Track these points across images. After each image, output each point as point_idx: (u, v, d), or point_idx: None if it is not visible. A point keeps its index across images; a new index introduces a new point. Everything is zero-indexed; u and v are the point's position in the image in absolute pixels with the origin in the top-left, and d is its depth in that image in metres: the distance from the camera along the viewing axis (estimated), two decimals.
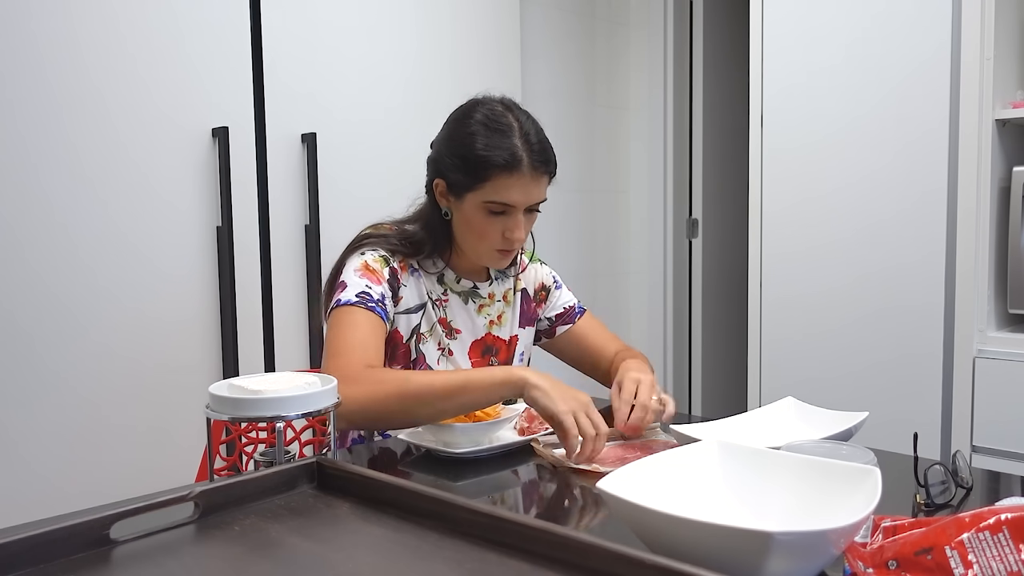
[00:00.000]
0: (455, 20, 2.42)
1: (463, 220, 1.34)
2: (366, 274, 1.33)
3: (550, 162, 1.34)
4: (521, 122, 1.32)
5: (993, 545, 0.69)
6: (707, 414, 2.32)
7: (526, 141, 1.30)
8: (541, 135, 1.34)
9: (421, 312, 1.39)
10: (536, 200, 1.33)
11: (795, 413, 1.21)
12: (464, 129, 1.32)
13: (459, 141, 1.32)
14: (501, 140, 1.28)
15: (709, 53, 3.27)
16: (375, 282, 1.32)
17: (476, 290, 1.45)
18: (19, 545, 0.67)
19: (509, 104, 1.36)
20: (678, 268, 3.26)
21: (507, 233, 1.32)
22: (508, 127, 1.30)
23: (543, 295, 1.56)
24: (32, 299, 1.64)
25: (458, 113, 1.37)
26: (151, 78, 1.78)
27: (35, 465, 1.65)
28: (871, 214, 2.16)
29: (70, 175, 1.68)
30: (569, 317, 1.57)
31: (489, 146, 1.28)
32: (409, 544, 0.73)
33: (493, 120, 1.31)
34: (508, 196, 1.29)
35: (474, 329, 1.44)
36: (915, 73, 2.06)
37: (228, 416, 0.93)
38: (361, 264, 1.34)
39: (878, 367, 2.16)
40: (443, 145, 1.36)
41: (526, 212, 1.33)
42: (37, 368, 1.65)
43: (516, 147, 1.28)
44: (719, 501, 0.84)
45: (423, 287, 1.39)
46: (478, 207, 1.31)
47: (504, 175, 1.28)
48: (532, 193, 1.31)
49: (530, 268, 1.56)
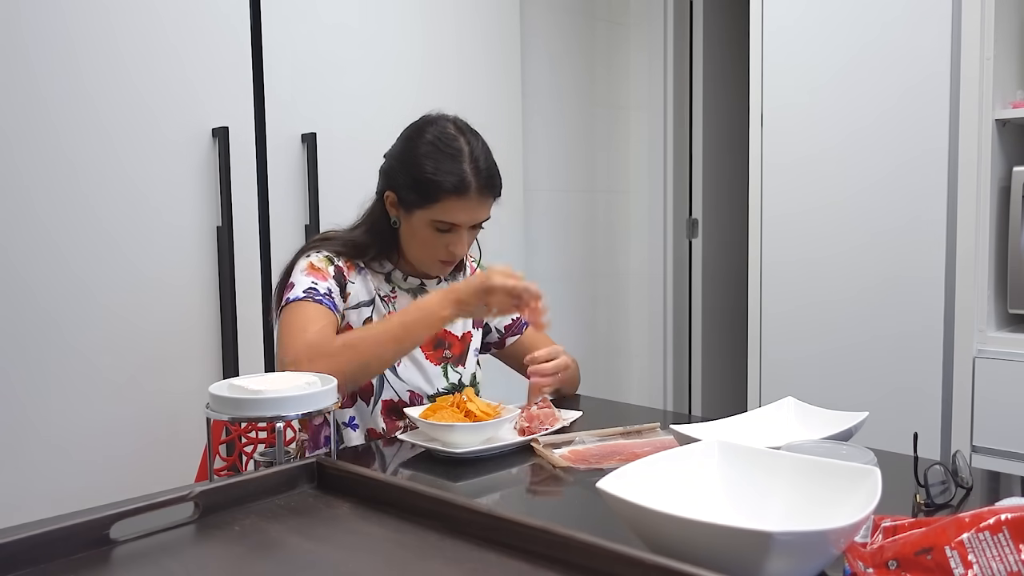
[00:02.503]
0: (455, 20, 2.41)
1: (410, 232, 1.41)
2: (311, 272, 1.39)
3: (496, 186, 1.40)
4: (472, 146, 1.38)
5: (993, 545, 0.69)
6: (707, 414, 2.33)
7: (475, 166, 1.36)
8: (490, 159, 1.40)
9: (371, 307, 1.43)
10: (480, 219, 1.41)
11: (795, 413, 1.21)
12: (416, 149, 1.38)
13: (411, 161, 1.37)
14: (451, 165, 1.35)
15: (709, 53, 3.27)
16: (321, 279, 1.38)
17: (423, 287, 1.50)
18: (19, 545, 0.67)
19: (462, 127, 1.42)
20: (678, 268, 3.26)
21: (450, 247, 1.40)
22: (458, 151, 1.36)
23: None
24: (32, 299, 1.64)
25: (411, 131, 1.43)
26: (151, 78, 1.78)
27: (35, 465, 1.65)
28: (871, 214, 2.16)
29: (70, 175, 1.68)
30: (517, 328, 1.64)
31: (439, 170, 1.34)
32: (409, 544, 0.73)
33: (444, 143, 1.37)
34: (455, 217, 1.36)
35: None
36: (915, 74, 2.06)
37: (228, 416, 0.93)
38: (307, 265, 1.40)
39: (878, 367, 2.16)
40: (396, 161, 1.42)
41: (470, 228, 1.40)
42: (37, 367, 1.65)
43: (465, 172, 1.34)
44: (719, 501, 0.84)
45: (370, 284, 1.44)
46: (426, 223, 1.37)
47: (452, 198, 1.34)
48: (478, 214, 1.39)
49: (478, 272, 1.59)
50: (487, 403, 1.27)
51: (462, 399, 1.25)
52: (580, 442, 1.22)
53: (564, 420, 1.32)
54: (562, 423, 1.30)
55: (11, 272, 1.61)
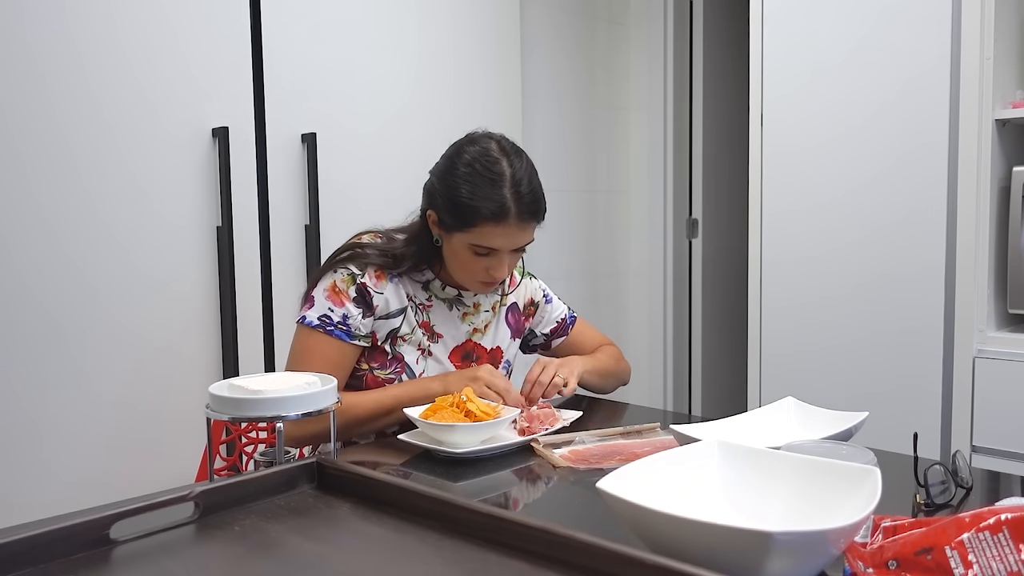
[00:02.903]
0: (455, 20, 2.41)
1: (451, 252, 1.38)
2: (331, 296, 1.37)
3: (539, 211, 1.35)
4: (515, 169, 1.32)
5: (993, 545, 0.69)
6: (707, 414, 2.33)
7: (516, 192, 1.30)
8: (533, 182, 1.34)
9: (401, 316, 1.41)
10: (522, 244, 1.36)
11: (795, 413, 1.21)
12: (455, 170, 1.33)
13: (450, 184, 1.33)
14: (491, 191, 1.29)
15: (709, 53, 3.27)
16: (338, 304, 1.37)
17: (460, 298, 1.48)
18: (19, 545, 0.67)
19: (506, 148, 1.35)
20: (678, 268, 3.26)
21: (491, 271, 1.36)
22: (499, 176, 1.30)
23: (532, 310, 1.61)
24: (32, 298, 1.64)
25: (452, 150, 1.38)
26: (151, 78, 1.78)
27: (35, 465, 1.65)
28: (871, 214, 2.16)
29: (70, 174, 1.68)
30: (563, 330, 1.64)
31: (476, 195, 1.29)
32: (409, 544, 0.73)
33: (485, 168, 1.31)
34: (493, 242, 1.32)
35: (456, 335, 1.47)
36: (915, 73, 2.06)
37: (228, 416, 0.93)
38: (329, 285, 1.38)
39: (878, 367, 2.16)
40: (438, 181, 1.37)
41: (511, 252, 1.37)
42: (37, 367, 1.65)
43: (505, 198, 1.29)
44: (719, 501, 0.84)
45: (403, 292, 1.42)
46: (465, 246, 1.34)
47: (491, 225, 1.30)
48: (518, 239, 1.34)
49: (520, 282, 1.60)
50: (487, 403, 1.27)
51: (462, 399, 1.25)
52: (580, 442, 1.22)
53: (564, 420, 1.32)
54: (562, 423, 1.30)
55: (11, 271, 1.61)
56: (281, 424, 0.93)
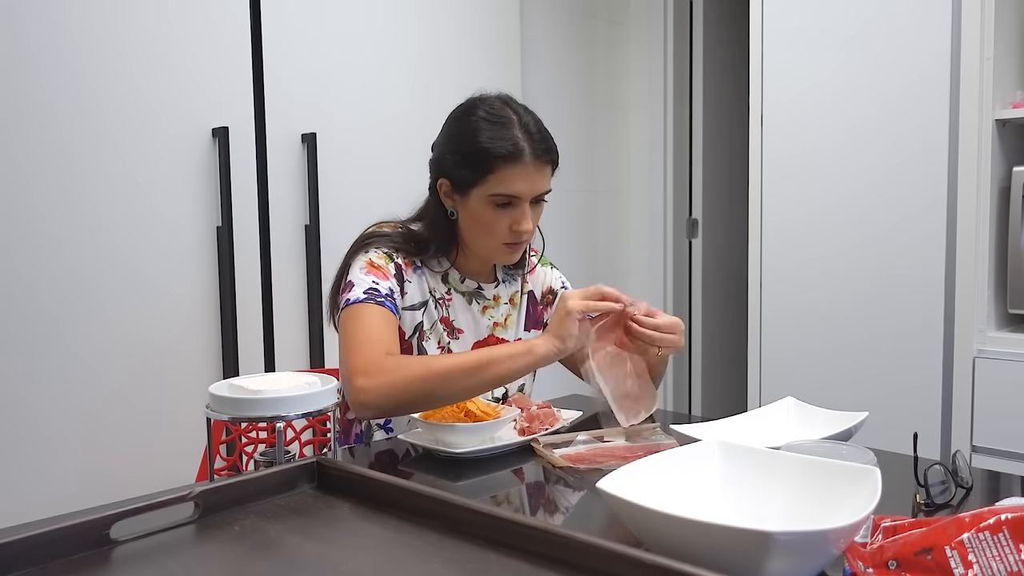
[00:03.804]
0: (455, 20, 2.41)
1: (470, 217, 1.35)
2: (372, 271, 1.34)
3: (552, 151, 1.36)
4: (520, 114, 1.34)
5: (993, 545, 0.69)
6: (707, 414, 2.33)
7: (527, 132, 1.31)
8: (541, 126, 1.36)
9: (423, 310, 1.39)
10: (541, 190, 1.35)
11: (795, 413, 1.21)
12: (466, 126, 1.33)
13: (461, 138, 1.33)
14: (502, 132, 1.30)
15: (709, 53, 3.27)
16: (382, 278, 1.33)
17: (480, 291, 1.46)
18: (19, 545, 0.67)
19: (506, 99, 1.38)
20: (678, 268, 3.26)
21: (514, 225, 1.33)
22: (508, 120, 1.32)
23: (550, 298, 1.57)
24: (32, 298, 1.64)
25: (458, 112, 1.38)
26: (151, 78, 1.78)
27: (35, 465, 1.65)
28: (871, 215, 2.16)
29: (70, 175, 1.68)
30: None
31: (491, 139, 1.29)
32: (409, 544, 0.73)
33: (493, 115, 1.32)
34: (513, 187, 1.30)
35: (477, 330, 1.45)
36: (915, 73, 2.06)
37: (228, 416, 0.93)
38: (366, 262, 1.35)
39: (878, 367, 2.16)
40: (445, 144, 1.37)
41: (532, 203, 1.35)
42: (37, 368, 1.65)
43: (518, 138, 1.30)
44: (719, 501, 0.84)
45: (426, 285, 1.40)
46: (484, 201, 1.32)
47: (508, 166, 1.29)
48: (536, 183, 1.33)
49: (539, 271, 1.57)
50: (487, 403, 1.27)
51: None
52: (580, 442, 1.22)
53: (564, 420, 1.32)
54: (562, 423, 1.30)
55: (11, 271, 1.61)
56: (281, 424, 0.93)
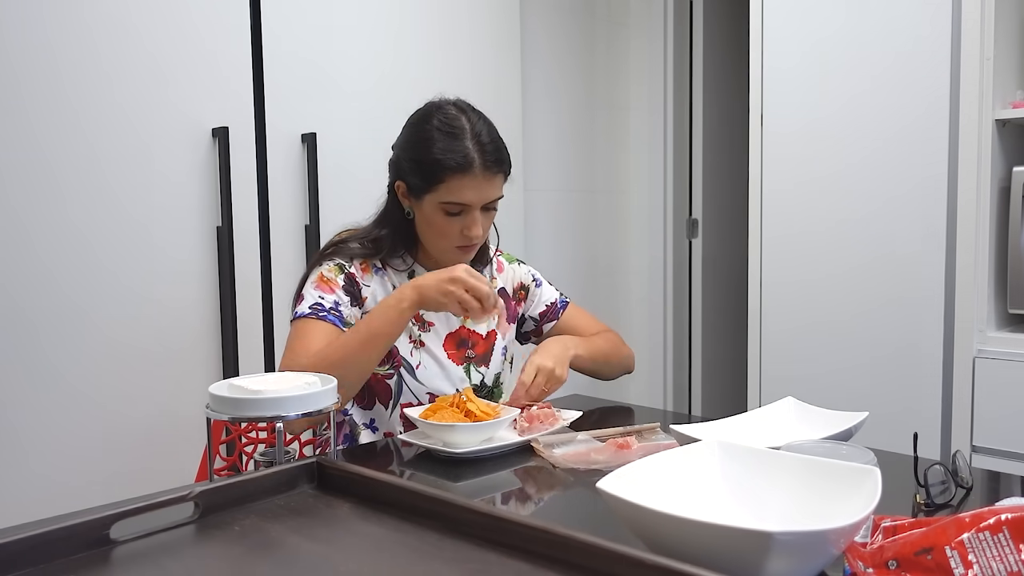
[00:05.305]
0: (455, 20, 2.41)
1: (424, 220, 1.40)
2: (320, 286, 1.39)
3: (503, 161, 1.38)
4: (473, 123, 1.37)
5: (993, 545, 0.69)
6: (707, 414, 2.32)
7: (478, 143, 1.35)
8: (494, 134, 1.39)
9: None
10: (491, 198, 1.38)
11: (795, 413, 1.21)
12: (420, 134, 1.38)
13: (416, 146, 1.37)
14: (454, 144, 1.34)
15: (709, 53, 3.27)
16: (328, 292, 1.38)
17: None
18: (19, 545, 0.67)
19: (463, 107, 1.41)
20: (678, 268, 3.26)
21: (465, 231, 1.37)
22: (460, 130, 1.35)
23: (522, 294, 1.61)
24: (32, 298, 1.63)
25: (415, 118, 1.42)
26: (151, 78, 1.78)
27: (35, 465, 1.65)
28: (871, 215, 2.16)
29: (69, 175, 1.68)
30: (553, 314, 1.62)
31: (442, 150, 1.34)
32: (409, 544, 0.73)
33: (446, 124, 1.36)
34: (462, 196, 1.34)
35: (448, 322, 1.47)
36: (915, 73, 2.06)
37: (228, 416, 0.93)
38: (316, 277, 1.40)
39: (878, 367, 2.16)
40: (401, 149, 1.42)
41: (483, 210, 1.38)
42: (37, 368, 1.64)
43: (468, 149, 1.33)
44: (719, 501, 0.84)
45: (389, 283, 1.43)
46: (436, 208, 1.36)
47: (457, 177, 1.33)
48: (486, 192, 1.36)
49: (507, 268, 1.60)
50: (487, 403, 1.27)
51: (461, 399, 1.25)
52: (580, 442, 1.22)
53: (564, 420, 1.32)
54: (562, 423, 1.30)
55: (11, 271, 1.61)
56: (281, 424, 0.93)
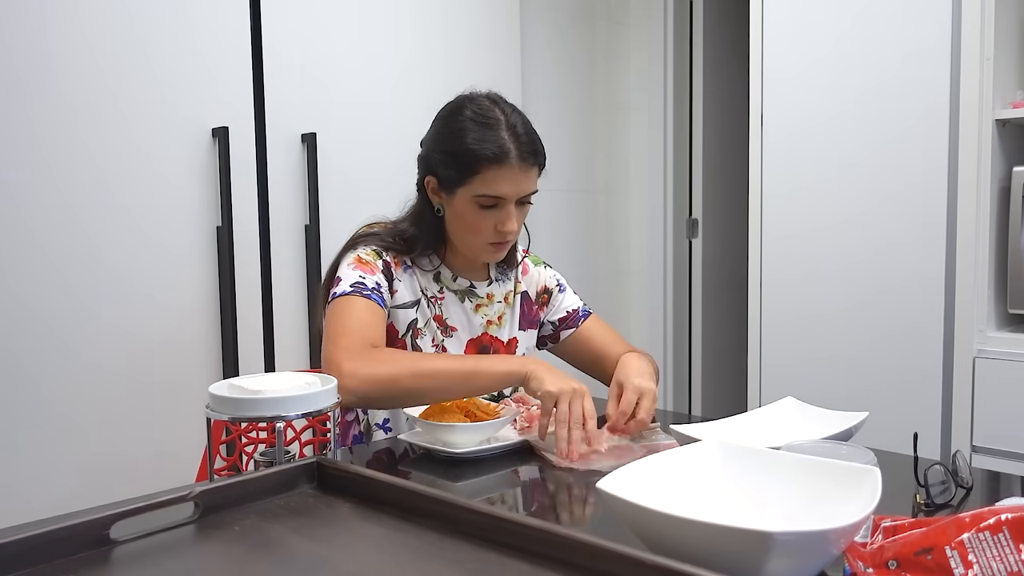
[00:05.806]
0: (455, 20, 2.41)
1: (455, 215, 1.36)
2: (359, 266, 1.35)
3: (539, 153, 1.34)
4: (507, 115, 1.33)
5: (993, 545, 0.69)
6: (707, 414, 2.32)
7: (513, 133, 1.31)
8: (528, 127, 1.35)
9: (416, 308, 1.39)
10: (526, 192, 1.34)
11: (795, 413, 1.21)
12: (453, 125, 1.33)
13: (448, 137, 1.33)
14: (489, 134, 1.29)
15: (709, 53, 3.27)
16: (369, 272, 1.34)
17: (473, 289, 1.45)
18: (19, 545, 0.67)
19: (495, 98, 1.37)
20: (678, 268, 3.26)
21: (499, 226, 1.33)
22: (496, 121, 1.31)
23: (545, 298, 1.56)
24: (32, 298, 1.63)
25: (446, 110, 1.38)
26: (151, 78, 1.78)
27: (35, 465, 1.65)
28: (871, 215, 2.16)
29: (69, 175, 1.68)
30: (572, 321, 1.55)
31: (477, 140, 1.29)
32: (409, 544, 0.73)
33: (480, 115, 1.32)
34: (498, 189, 1.30)
35: (470, 328, 1.45)
36: (915, 73, 2.06)
37: (228, 416, 0.93)
38: (354, 259, 1.36)
39: (878, 367, 2.16)
40: (432, 142, 1.37)
41: (517, 204, 1.35)
42: (37, 368, 1.65)
43: (504, 140, 1.29)
44: (719, 501, 0.84)
45: (417, 284, 1.40)
46: (469, 201, 1.32)
47: (493, 168, 1.29)
48: (522, 185, 1.32)
49: (533, 271, 1.56)
50: (487, 403, 1.27)
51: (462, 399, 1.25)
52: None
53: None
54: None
55: (10, 271, 1.61)
56: (281, 424, 0.93)
